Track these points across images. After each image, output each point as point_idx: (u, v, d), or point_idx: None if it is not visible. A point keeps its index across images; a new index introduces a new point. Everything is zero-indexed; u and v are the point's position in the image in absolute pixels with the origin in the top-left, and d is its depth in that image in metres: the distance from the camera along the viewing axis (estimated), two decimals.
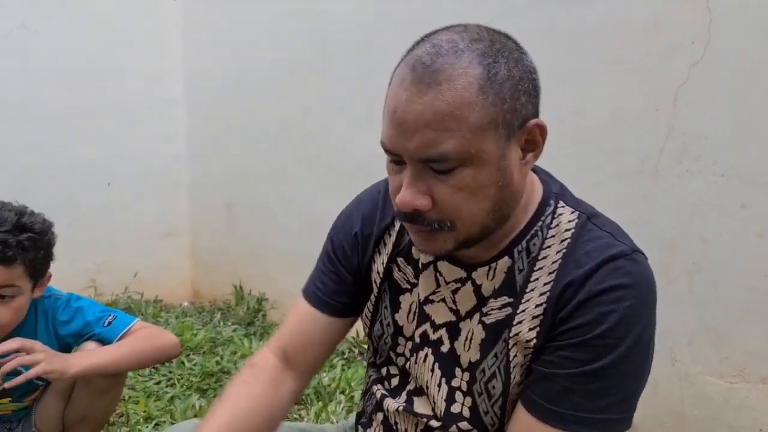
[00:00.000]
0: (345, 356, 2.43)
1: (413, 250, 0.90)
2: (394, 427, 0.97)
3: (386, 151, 0.71)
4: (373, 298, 0.97)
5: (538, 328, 0.75)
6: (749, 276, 1.41)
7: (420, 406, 0.90)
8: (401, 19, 2.27)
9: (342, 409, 1.86)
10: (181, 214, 3.92)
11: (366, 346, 1.11)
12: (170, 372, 2.28)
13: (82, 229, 3.23)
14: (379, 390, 1.01)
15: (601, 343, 0.70)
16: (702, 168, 1.48)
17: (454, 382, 0.84)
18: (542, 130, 0.71)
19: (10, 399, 1.33)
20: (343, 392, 2.02)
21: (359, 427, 1.09)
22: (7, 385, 1.16)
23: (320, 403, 1.94)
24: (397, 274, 0.92)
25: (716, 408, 1.50)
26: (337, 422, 1.59)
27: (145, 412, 1.87)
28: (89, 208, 3.39)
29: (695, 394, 1.54)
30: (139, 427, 1.76)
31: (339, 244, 0.96)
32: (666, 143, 1.53)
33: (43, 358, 1.16)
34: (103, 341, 1.32)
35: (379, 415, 1.01)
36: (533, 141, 0.72)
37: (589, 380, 0.71)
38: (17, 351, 1.15)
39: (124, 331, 1.33)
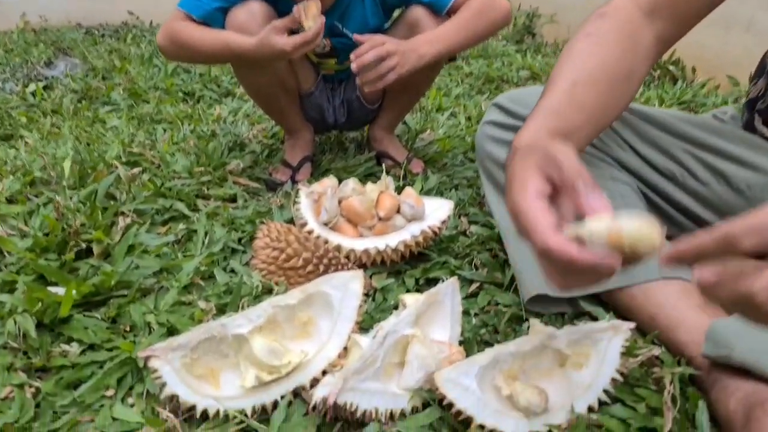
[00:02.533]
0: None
1: None
2: None
3: None
4: None
5: None
6: None
7: None
8: None
9: None
10: None
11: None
12: (450, 74, 2.21)
13: None
14: None
15: None
16: None
17: None
18: None
19: (335, 60, 1.33)
20: None
21: (755, 115, 0.83)
22: (367, 90, 1.10)
23: None
24: None
25: None
26: None
27: (435, 101, 1.85)
28: None
29: None
30: (432, 114, 1.75)
31: None
32: None
33: (397, 62, 1.06)
34: (433, 8, 1.18)
35: None
36: None
37: None
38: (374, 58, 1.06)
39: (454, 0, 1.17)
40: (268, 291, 0.86)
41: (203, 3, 1.15)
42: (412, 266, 0.94)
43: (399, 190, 1.07)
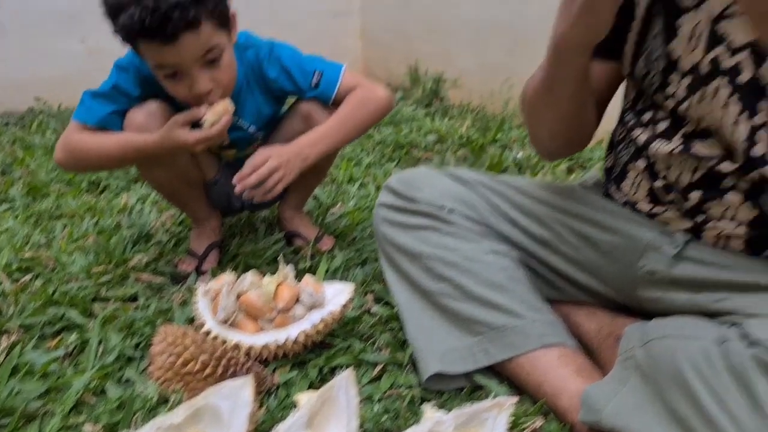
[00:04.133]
0: None
1: None
2: (663, 173, 0.78)
3: None
4: (637, 25, 0.79)
5: None
6: None
7: (703, 148, 0.73)
8: None
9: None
10: None
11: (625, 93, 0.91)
12: (361, 143, 2.27)
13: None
14: (642, 134, 0.81)
15: None
16: None
17: (758, 119, 0.68)
18: None
19: (235, 151, 1.35)
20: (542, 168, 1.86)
21: (611, 183, 0.92)
22: (257, 200, 1.17)
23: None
24: None
25: None
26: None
27: (347, 172, 1.89)
28: None
29: None
30: (343, 186, 1.79)
31: None
32: None
33: (283, 174, 1.11)
34: (320, 101, 1.22)
35: (639, 164, 0.84)
36: None
37: None
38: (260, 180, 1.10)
39: (336, 91, 1.22)
40: (164, 401, 0.82)
41: (96, 110, 1.14)
42: (317, 354, 0.93)
43: (306, 271, 1.08)
